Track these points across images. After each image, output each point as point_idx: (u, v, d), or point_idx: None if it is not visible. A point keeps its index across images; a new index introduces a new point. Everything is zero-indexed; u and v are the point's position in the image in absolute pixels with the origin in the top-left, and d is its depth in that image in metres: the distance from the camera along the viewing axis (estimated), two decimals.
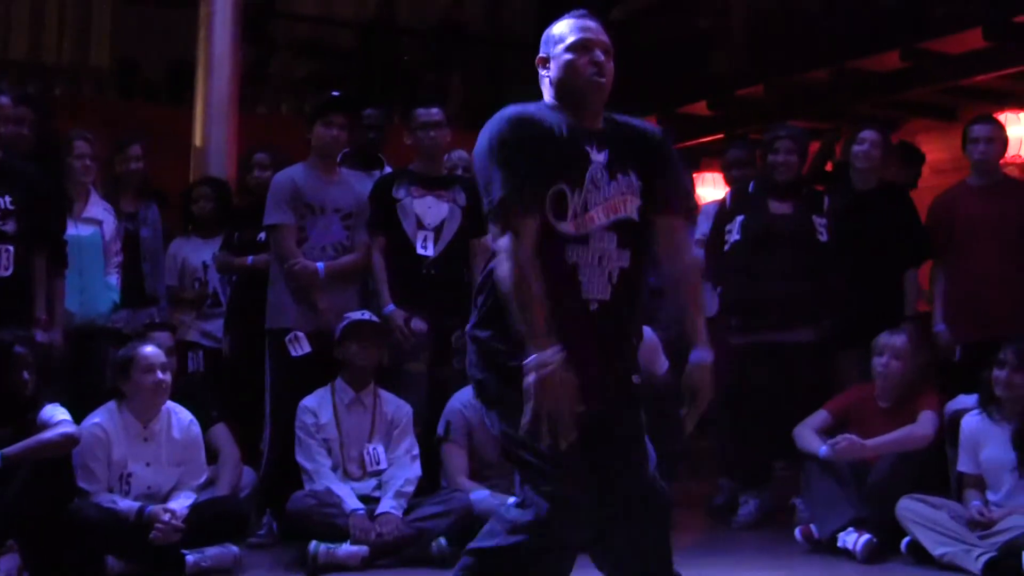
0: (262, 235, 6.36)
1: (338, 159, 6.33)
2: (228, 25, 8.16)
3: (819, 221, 6.45)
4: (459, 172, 6.56)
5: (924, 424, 5.85)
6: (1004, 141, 6.53)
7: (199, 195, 7.08)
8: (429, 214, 6.07)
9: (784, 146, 6.53)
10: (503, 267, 3.27)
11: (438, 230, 6.06)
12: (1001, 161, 6.62)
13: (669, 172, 3.57)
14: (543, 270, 3.27)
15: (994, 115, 7.04)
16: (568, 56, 3.45)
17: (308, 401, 5.80)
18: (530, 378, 3.16)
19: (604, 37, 3.51)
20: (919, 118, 9.41)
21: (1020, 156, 8.22)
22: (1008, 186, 6.50)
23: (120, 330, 6.21)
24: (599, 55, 3.46)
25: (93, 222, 6.09)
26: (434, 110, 6.17)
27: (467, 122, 6.59)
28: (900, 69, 8.42)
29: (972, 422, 5.64)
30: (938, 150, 9.26)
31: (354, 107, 6.36)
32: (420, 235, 6.03)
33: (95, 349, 6.03)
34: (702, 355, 3.47)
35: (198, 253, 6.90)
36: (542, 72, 3.52)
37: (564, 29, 3.50)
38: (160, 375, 5.36)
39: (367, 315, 5.86)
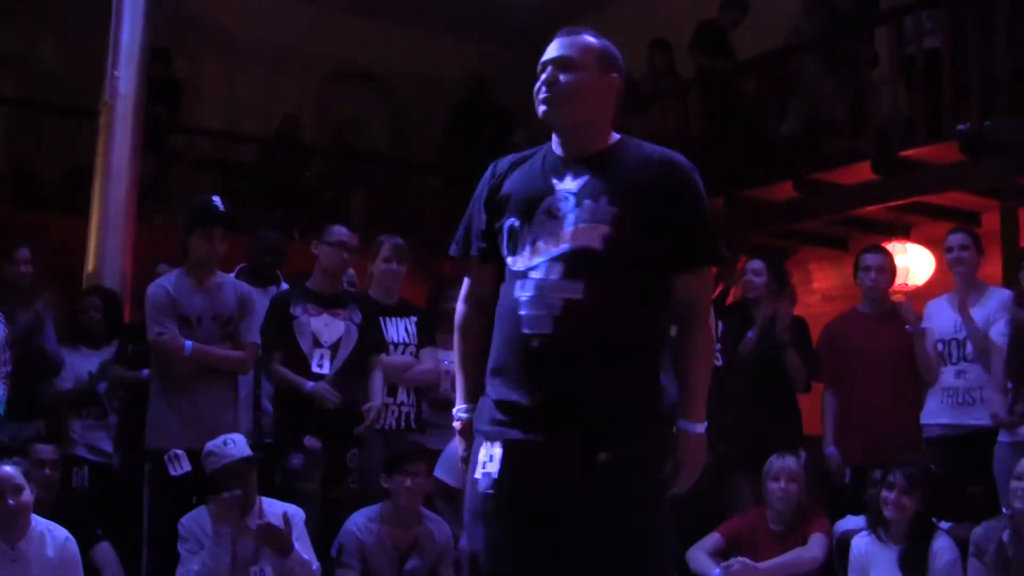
0: None
1: (234, 273, 6.28)
2: (128, 135, 8.10)
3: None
4: (349, 288, 6.52)
5: (814, 547, 5.87)
6: (893, 270, 6.69)
7: (87, 305, 6.97)
8: (326, 332, 6.02)
9: None
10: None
11: (334, 348, 6.01)
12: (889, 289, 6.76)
13: (683, 212, 3.13)
14: (499, 308, 3.11)
15: (883, 245, 7.22)
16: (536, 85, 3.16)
17: (187, 520, 5.44)
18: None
19: (565, 51, 3.11)
20: (811, 247, 9.59)
21: (906, 284, 8.39)
22: (896, 314, 6.63)
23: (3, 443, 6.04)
24: (549, 72, 3.11)
25: None
26: (348, 232, 6.16)
27: (364, 239, 6.56)
28: (793, 199, 8.61)
29: (861, 544, 5.70)
30: (829, 278, 9.44)
31: (235, 225, 6.11)
32: (316, 353, 5.96)
33: None
34: (689, 426, 3.09)
35: (86, 363, 6.77)
36: None
37: None
38: (10, 501, 5.05)
39: (239, 446, 5.45)
